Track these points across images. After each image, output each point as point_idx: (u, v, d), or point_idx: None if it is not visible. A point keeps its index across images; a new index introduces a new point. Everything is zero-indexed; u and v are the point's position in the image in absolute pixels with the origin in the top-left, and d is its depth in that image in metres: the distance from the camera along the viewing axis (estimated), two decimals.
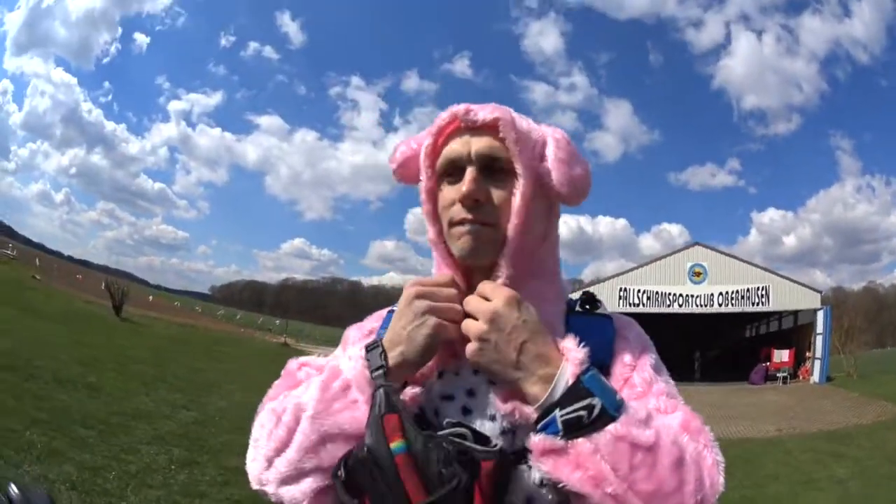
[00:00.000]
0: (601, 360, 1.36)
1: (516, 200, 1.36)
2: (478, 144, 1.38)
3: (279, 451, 1.35)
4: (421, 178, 1.47)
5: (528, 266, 1.43)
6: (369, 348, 1.36)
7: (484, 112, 1.38)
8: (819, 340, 34.72)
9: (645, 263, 38.91)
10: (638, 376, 1.39)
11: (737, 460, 12.67)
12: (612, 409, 1.18)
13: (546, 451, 1.19)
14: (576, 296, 1.58)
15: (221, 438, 9.18)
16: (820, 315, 35.45)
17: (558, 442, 1.17)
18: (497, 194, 1.37)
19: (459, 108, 1.40)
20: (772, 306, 37.62)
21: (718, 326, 46.83)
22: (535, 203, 1.40)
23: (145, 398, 10.73)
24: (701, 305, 36.96)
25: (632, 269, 39.51)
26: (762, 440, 16.10)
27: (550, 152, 1.42)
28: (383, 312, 1.63)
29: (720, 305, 37.07)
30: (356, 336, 1.60)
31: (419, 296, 1.37)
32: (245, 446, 4.59)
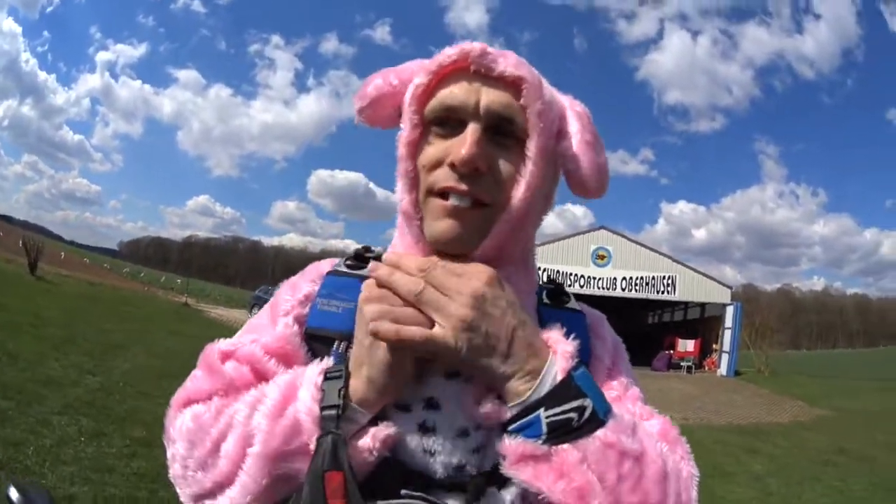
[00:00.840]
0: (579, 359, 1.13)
1: (521, 185, 1.10)
2: (490, 97, 1.09)
3: (221, 486, 1.09)
4: (401, 124, 1.16)
5: (509, 254, 1.18)
6: (329, 374, 1.08)
7: (506, 62, 1.10)
8: (728, 335, 36.19)
9: (547, 242, 38.79)
10: (614, 379, 1.25)
11: None
12: (602, 413, 1.02)
13: (525, 457, 1.01)
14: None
15: (126, 405, 9.02)
16: (729, 310, 36.82)
17: (541, 447, 1.00)
18: (502, 166, 1.10)
19: (474, 46, 1.11)
20: (678, 296, 38.98)
21: (620, 311, 47.60)
22: (541, 192, 1.16)
23: (55, 363, 10.44)
24: (603, 288, 37.71)
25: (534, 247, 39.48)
26: None
27: (575, 131, 1.18)
28: (322, 270, 1.32)
29: (623, 290, 38.12)
30: (288, 303, 1.26)
31: (368, 300, 1.08)
32: (149, 414, 5.69)
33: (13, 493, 1.20)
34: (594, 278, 37.74)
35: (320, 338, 1.21)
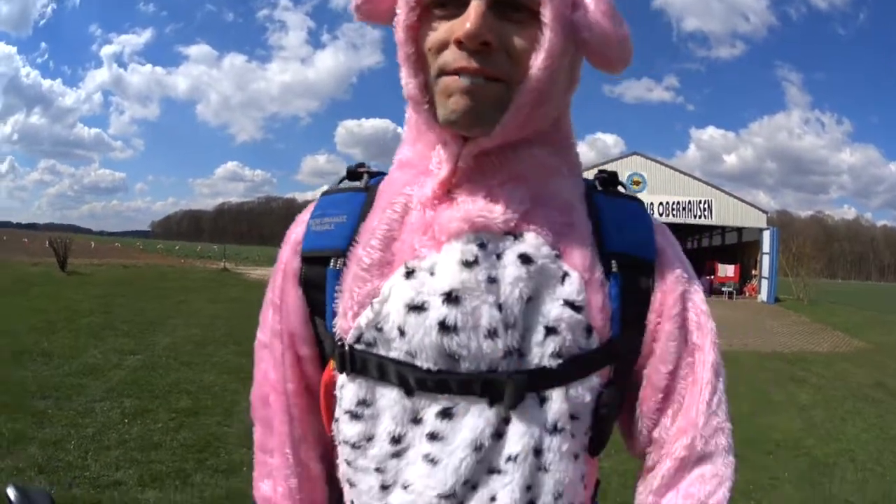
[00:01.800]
0: (645, 258, 1.11)
1: (540, 55, 0.96)
2: None
3: None
4: (397, 10, 1.03)
5: (536, 135, 1.07)
6: None
7: None
8: (766, 260, 35.68)
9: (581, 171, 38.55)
10: (704, 333, 1.14)
11: None
12: None
13: None
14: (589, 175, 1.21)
15: (169, 379, 9.06)
16: (766, 235, 36.28)
17: None
18: (513, 40, 0.97)
19: None
20: (715, 221, 38.21)
21: None
22: (561, 61, 1.00)
23: (94, 351, 10.48)
24: None
25: None
26: None
27: (589, 1, 1.01)
28: (312, 204, 1.21)
29: (661, 215, 36.49)
30: (286, 261, 1.18)
31: None
32: (192, 383, 6.76)
33: (12, 493, 1.14)
34: None
35: (316, 259, 1.12)
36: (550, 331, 0.98)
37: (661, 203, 37.15)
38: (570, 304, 1.00)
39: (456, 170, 1.02)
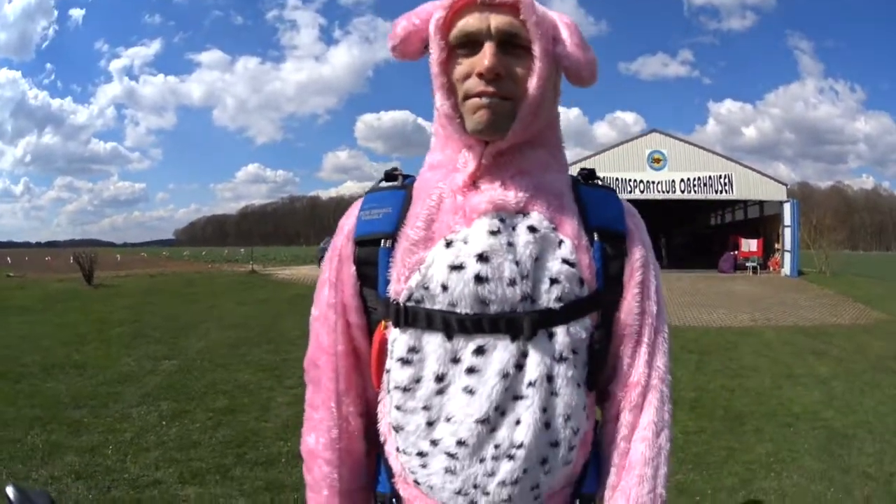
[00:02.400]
0: (617, 231, 1.49)
1: (533, 79, 1.35)
2: (497, 20, 1.35)
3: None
4: (431, 50, 1.41)
5: (535, 137, 1.45)
6: None
7: None
8: (787, 233, 35.34)
9: (602, 151, 38.72)
10: (651, 301, 1.50)
11: (716, 349, 13.02)
12: None
13: None
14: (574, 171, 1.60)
15: (204, 381, 9.26)
16: (787, 207, 35.90)
17: None
18: (516, 70, 1.36)
19: None
20: (735, 195, 37.99)
21: (681, 213, 47.81)
22: (549, 82, 1.40)
23: (128, 359, 10.68)
24: (662, 192, 37.22)
25: (589, 157, 38.68)
26: (739, 329, 16.23)
27: (566, 37, 1.43)
28: (359, 201, 1.59)
29: (682, 192, 37.39)
30: (340, 246, 1.55)
31: None
32: (228, 384, 6.91)
33: (11, 493, 1.27)
34: (653, 182, 37.13)
35: (368, 241, 1.47)
36: (553, 281, 1.35)
37: (682, 180, 37.10)
38: (566, 261, 1.37)
39: (480, 165, 1.40)
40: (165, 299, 19.95)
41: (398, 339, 1.38)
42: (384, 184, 1.60)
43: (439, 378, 1.34)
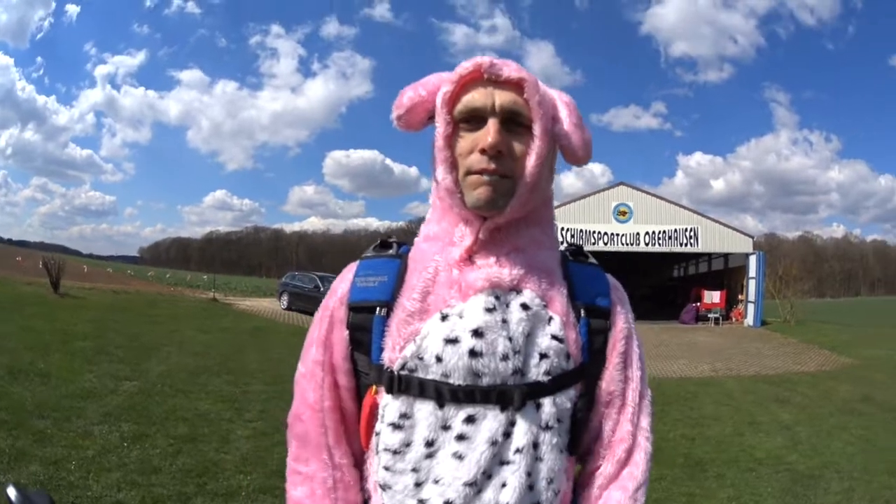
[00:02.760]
0: (602, 307, 1.56)
1: (532, 158, 1.40)
2: (502, 98, 1.40)
3: None
4: (437, 123, 1.45)
5: (530, 215, 1.51)
6: None
7: (509, 69, 1.41)
8: (752, 284, 35.89)
9: (568, 202, 38.79)
10: (634, 369, 1.57)
11: (676, 399, 13.10)
12: None
13: None
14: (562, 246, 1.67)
15: (165, 406, 9.17)
16: (752, 259, 36.44)
17: None
18: (516, 147, 1.41)
19: (484, 59, 1.42)
20: (701, 248, 38.51)
21: (645, 266, 47.90)
22: (547, 161, 1.46)
23: (90, 375, 10.55)
24: (627, 245, 37.51)
25: (556, 207, 38.61)
26: (699, 380, 16.45)
27: (564, 116, 1.48)
28: (353, 265, 1.63)
29: (647, 245, 37.77)
30: (332, 308, 1.59)
31: None
32: (189, 411, 6.78)
33: (12, 493, 1.27)
34: (617, 235, 37.48)
35: (362, 308, 1.50)
36: (543, 356, 1.41)
37: (647, 233, 37.63)
38: (555, 337, 1.43)
39: (476, 240, 1.45)
40: (129, 318, 19.69)
41: (390, 405, 1.42)
42: (374, 251, 1.65)
43: (429, 443, 1.38)
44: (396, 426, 1.40)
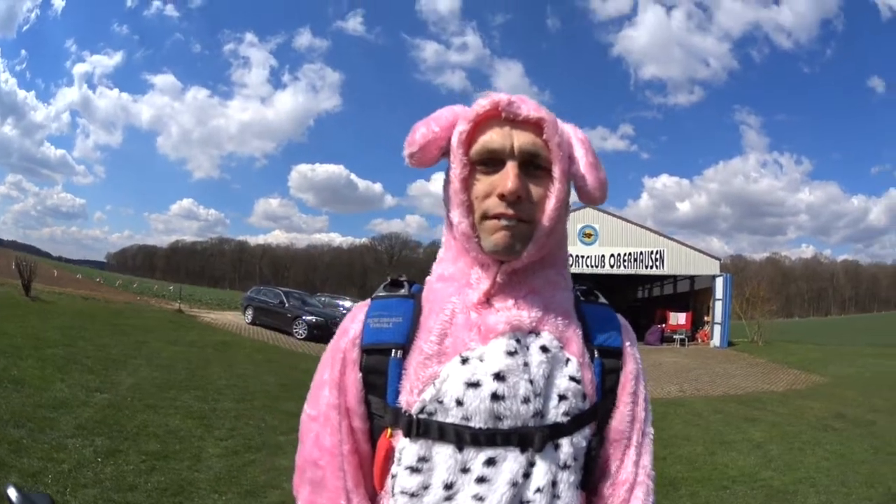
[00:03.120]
0: (616, 346, 1.57)
1: (551, 201, 1.40)
2: (521, 139, 1.39)
3: None
4: (452, 164, 1.43)
5: (545, 257, 1.50)
6: None
7: (527, 107, 1.39)
8: (719, 306, 36.32)
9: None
10: (640, 409, 1.57)
11: None
12: None
13: None
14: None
15: (136, 420, 9.09)
16: (719, 281, 36.93)
17: None
18: (534, 191, 1.40)
19: (502, 97, 1.39)
20: (667, 270, 39.15)
21: (610, 287, 47.86)
22: (565, 204, 1.46)
23: (62, 384, 10.46)
24: (591, 266, 38.05)
25: None
26: (666, 400, 16.46)
27: (580, 155, 1.49)
28: (364, 305, 1.61)
29: (612, 267, 38.46)
30: (345, 350, 1.54)
31: None
32: (160, 427, 6.76)
33: (12, 493, 1.28)
34: (582, 257, 38.03)
35: (377, 350, 1.48)
36: (562, 398, 1.40)
37: (612, 255, 38.39)
38: (573, 378, 1.43)
39: (494, 284, 1.44)
40: (98, 327, 19.47)
41: (407, 448, 1.39)
42: (385, 290, 1.63)
43: (448, 486, 1.35)
44: (414, 469, 1.37)
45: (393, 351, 1.46)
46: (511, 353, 1.38)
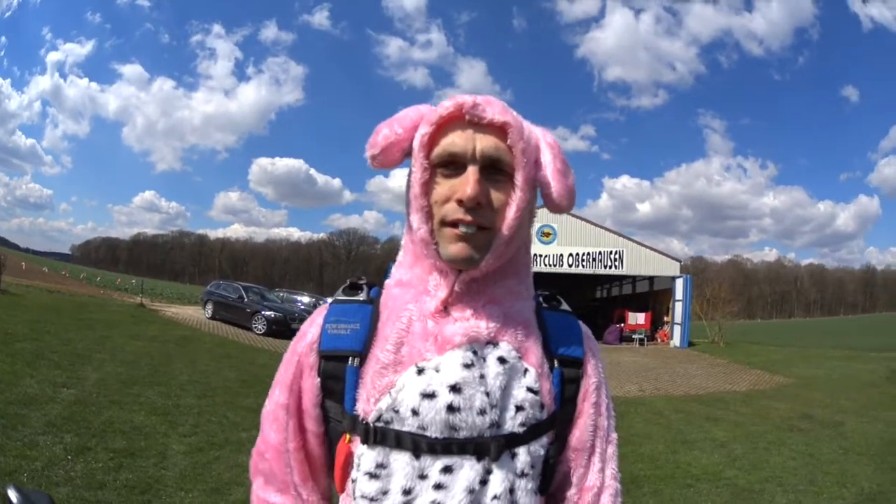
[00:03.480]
0: (576, 356, 1.56)
1: (511, 209, 1.38)
2: (484, 143, 1.36)
3: None
4: (413, 168, 1.41)
5: (506, 265, 1.48)
6: None
7: (493, 110, 1.36)
8: (679, 307, 36.74)
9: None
10: (604, 418, 1.59)
11: None
12: None
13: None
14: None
15: (102, 417, 9.09)
16: (679, 282, 37.36)
17: None
18: (495, 197, 1.38)
19: (466, 99, 1.36)
20: (626, 270, 39.56)
21: (568, 287, 48.00)
22: (527, 211, 1.44)
23: (31, 380, 10.43)
24: (550, 265, 38.35)
25: None
26: (626, 399, 16.48)
27: (548, 161, 1.46)
28: (323, 309, 1.59)
29: (570, 266, 38.71)
30: (300, 354, 1.56)
31: None
32: (125, 423, 7.20)
33: (12, 493, 1.30)
34: (540, 256, 38.25)
35: (335, 357, 1.48)
36: (519, 408, 1.40)
37: (570, 255, 38.69)
38: (530, 389, 1.42)
39: (452, 292, 1.44)
40: (63, 321, 19.33)
41: (366, 455, 1.40)
42: (347, 294, 1.61)
43: (406, 492, 1.37)
44: (373, 475, 1.39)
45: (350, 359, 1.47)
46: (467, 366, 1.38)
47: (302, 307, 35.17)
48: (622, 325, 39.03)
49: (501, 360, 1.41)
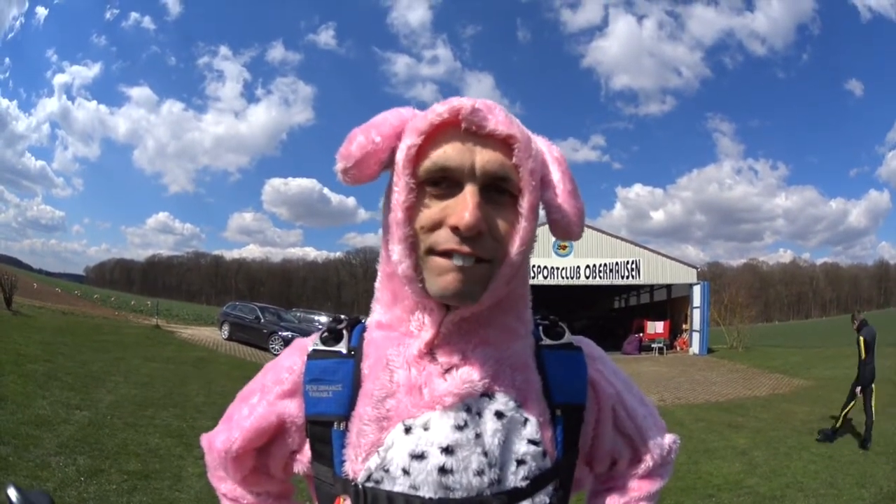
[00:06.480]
0: (579, 403, 1.37)
1: (516, 240, 1.16)
2: (485, 158, 1.13)
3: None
4: (396, 187, 1.16)
5: (503, 301, 1.27)
6: None
7: (495, 119, 1.13)
8: (696, 314, 36.36)
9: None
10: (631, 427, 1.50)
11: None
12: None
13: None
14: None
15: (117, 439, 9.01)
16: (696, 289, 36.97)
17: None
18: (499, 224, 1.15)
19: (463, 103, 1.12)
20: (643, 280, 39.08)
21: (585, 298, 48.69)
22: (532, 241, 1.21)
23: (43, 401, 10.36)
24: (567, 278, 37.71)
25: None
26: None
27: (557, 180, 1.25)
28: (302, 361, 1.40)
29: (587, 278, 38.03)
30: (270, 390, 1.44)
31: None
32: (140, 445, 6.92)
33: (12, 493, 1.28)
34: (557, 268, 37.73)
35: (319, 423, 1.33)
36: (520, 462, 1.25)
37: (587, 266, 38.03)
38: (532, 441, 1.27)
39: (438, 332, 1.24)
40: (77, 342, 19.29)
41: None
42: (325, 341, 1.43)
43: None
44: None
45: (335, 423, 1.31)
46: (460, 427, 1.22)
47: (319, 327, 35.41)
48: (641, 334, 38.53)
49: (499, 415, 1.25)
